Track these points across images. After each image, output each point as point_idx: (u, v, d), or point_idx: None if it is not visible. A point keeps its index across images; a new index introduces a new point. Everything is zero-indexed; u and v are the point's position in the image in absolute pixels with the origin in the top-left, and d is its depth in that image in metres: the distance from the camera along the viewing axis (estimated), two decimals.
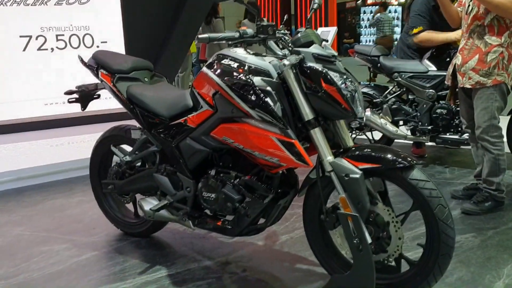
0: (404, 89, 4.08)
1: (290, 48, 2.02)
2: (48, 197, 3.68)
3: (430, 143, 4.12)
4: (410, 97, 4.07)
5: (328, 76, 1.92)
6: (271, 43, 2.03)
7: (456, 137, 3.87)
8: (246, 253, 2.61)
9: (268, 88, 2.00)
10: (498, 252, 2.51)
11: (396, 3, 18.39)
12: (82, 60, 2.76)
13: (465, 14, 3.02)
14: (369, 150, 2.00)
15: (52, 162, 4.30)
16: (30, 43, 5.56)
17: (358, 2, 20.55)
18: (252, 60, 2.08)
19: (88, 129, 5.62)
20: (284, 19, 7.25)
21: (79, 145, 5.05)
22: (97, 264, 2.56)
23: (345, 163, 1.95)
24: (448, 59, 3.73)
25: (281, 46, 2.08)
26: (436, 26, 3.89)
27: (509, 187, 3.44)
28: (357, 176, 1.91)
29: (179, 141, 2.35)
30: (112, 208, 2.92)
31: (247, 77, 2.02)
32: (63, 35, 5.73)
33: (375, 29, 12.10)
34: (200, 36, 1.90)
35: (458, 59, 3.05)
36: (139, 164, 2.73)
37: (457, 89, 3.21)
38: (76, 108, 5.77)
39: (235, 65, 2.09)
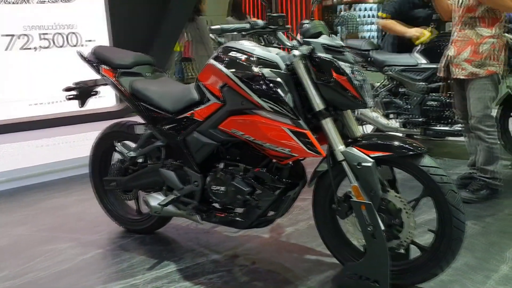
0: (395, 83, 4.14)
1: (299, 39, 2.05)
2: (46, 197, 3.63)
3: (416, 136, 4.20)
4: (401, 90, 4.13)
5: (339, 66, 1.95)
6: (280, 34, 2.05)
7: (447, 128, 3.95)
8: (253, 246, 2.62)
9: (279, 79, 2.02)
10: (500, 238, 2.58)
11: (371, 0, 18.62)
12: (81, 55, 2.72)
13: (457, 7, 3.09)
14: (378, 139, 2.04)
15: (40, 163, 4.22)
16: (13, 42, 5.46)
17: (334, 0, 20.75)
18: (259, 52, 2.09)
19: (76, 129, 5.55)
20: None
21: (68, 145, 4.98)
22: (104, 261, 2.53)
23: (356, 152, 1.98)
24: (438, 51, 3.80)
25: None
26: (405, 20, 4.03)
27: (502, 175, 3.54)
28: (370, 164, 1.94)
29: (186, 135, 2.35)
30: (113, 206, 2.90)
31: (257, 68, 2.03)
32: (47, 34, 5.64)
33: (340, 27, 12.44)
34: (212, 27, 1.91)
35: (451, 51, 3.11)
36: (140, 160, 2.71)
37: (449, 81, 3.28)
38: (61, 108, 5.71)
39: (243, 57, 2.10)
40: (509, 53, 3.49)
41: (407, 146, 1.96)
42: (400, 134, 4.11)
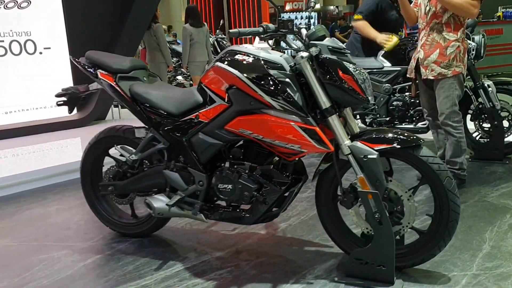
0: None
1: (303, 41, 2.18)
2: (22, 208, 3.51)
3: None
4: None
5: (344, 66, 2.10)
6: (288, 37, 2.18)
7: (411, 126, 4.23)
8: (253, 242, 2.72)
9: (287, 80, 2.14)
10: (475, 222, 2.84)
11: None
12: (76, 61, 2.70)
13: (423, 14, 3.36)
14: (377, 133, 2.20)
15: (6, 175, 4.06)
16: None
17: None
18: (265, 54, 2.20)
19: (37, 139, 5.38)
20: (220, 24, 7.68)
21: (34, 155, 4.82)
22: (107, 266, 2.52)
23: (361, 145, 2.13)
24: (402, 54, 4.09)
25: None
26: (379, 22, 4.29)
27: (469, 168, 3.87)
28: (375, 156, 2.10)
29: (191, 136, 2.41)
30: (107, 211, 2.88)
31: (266, 69, 2.14)
32: (2, 41, 5.47)
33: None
34: (231, 30, 2.00)
35: (420, 54, 3.38)
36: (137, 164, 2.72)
37: (417, 81, 3.55)
38: (18, 118, 5.52)
39: (250, 59, 2.20)
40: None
41: (406, 138, 2.14)
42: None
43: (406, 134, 2.18)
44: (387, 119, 4.26)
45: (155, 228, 2.80)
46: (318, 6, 19.61)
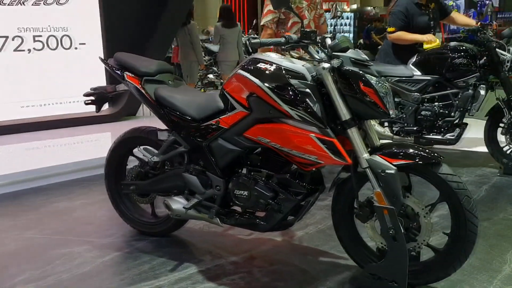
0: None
1: (326, 52, 2.17)
2: (48, 201, 3.62)
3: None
4: (396, 100, 4.30)
5: (366, 79, 2.08)
6: (311, 48, 2.17)
7: (439, 137, 4.14)
8: (268, 248, 2.73)
9: (307, 90, 2.13)
10: (498, 241, 2.76)
11: (348, 10, 19.10)
12: (104, 62, 2.78)
13: None
14: (398, 147, 2.17)
15: (36, 167, 4.19)
16: (6, 44, 5.44)
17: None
18: (287, 64, 2.20)
19: (70, 132, 5.54)
20: (253, 24, 7.74)
21: (65, 148, 4.98)
22: (124, 264, 2.58)
23: (380, 160, 2.11)
24: (432, 63, 4.01)
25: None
26: (409, 28, 4.24)
27: (498, 184, 3.78)
28: (393, 171, 2.08)
29: (210, 141, 2.44)
30: (128, 209, 2.95)
31: (287, 79, 2.14)
32: (40, 36, 5.65)
33: None
34: (253, 41, 2.02)
35: None
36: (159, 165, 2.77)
37: None
38: (54, 111, 5.70)
39: (272, 68, 2.21)
40: (499, 67, 3.74)
41: (427, 155, 2.10)
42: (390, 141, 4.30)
43: (427, 150, 2.14)
44: (415, 128, 4.18)
45: (173, 228, 2.85)
46: (354, 6, 19.44)
